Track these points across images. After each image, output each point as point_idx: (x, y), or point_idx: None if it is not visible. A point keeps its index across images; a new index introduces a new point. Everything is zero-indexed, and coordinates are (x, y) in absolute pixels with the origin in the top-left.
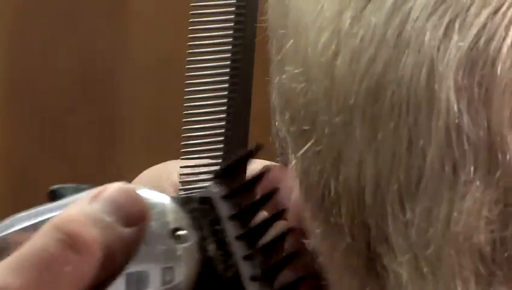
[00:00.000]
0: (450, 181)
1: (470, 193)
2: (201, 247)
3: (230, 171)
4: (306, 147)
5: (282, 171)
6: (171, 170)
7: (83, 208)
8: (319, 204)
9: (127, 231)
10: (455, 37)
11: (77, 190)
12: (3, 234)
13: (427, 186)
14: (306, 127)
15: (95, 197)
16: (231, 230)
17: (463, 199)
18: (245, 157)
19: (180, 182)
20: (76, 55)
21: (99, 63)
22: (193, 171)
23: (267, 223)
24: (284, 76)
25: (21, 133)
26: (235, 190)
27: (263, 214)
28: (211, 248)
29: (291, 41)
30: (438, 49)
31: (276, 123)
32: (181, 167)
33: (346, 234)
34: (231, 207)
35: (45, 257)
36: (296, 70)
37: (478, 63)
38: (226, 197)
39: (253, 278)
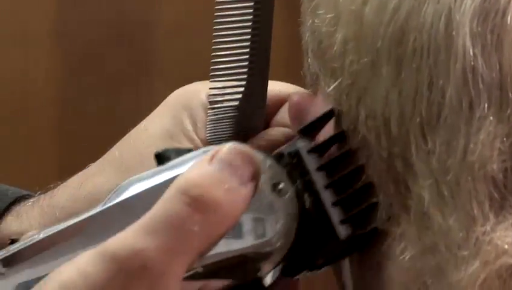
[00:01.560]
0: (467, 116)
1: (484, 127)
2: (299, 198)
3: (314, 127)
4: (337, 83)
5: (312, 99)
6: (200, 89)
7: (203, 170)
8: (351, 132)
9: (244, 189)
10: None
11: (179, 152)
12: (125, 198)
13: (446, 120)
14: (337, 65)
15: (212, 159)
16: (319, 180)
17: (478, 132)
18: (328, 113)
19: (209, 101)
20: (114, 7)
21: (134, 15)
22: (220, 92)
23: (353, 173)
24: (317, 20)
25: (66, 70)
26: (320, 144)
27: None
28: (305, 197)
29: None
30: (455, 0)
31: (309, 59)
32: (210, 88)
33: (376, 159)
34: (318, 158)
35: (176, 220)
36: (329, 15)
37: (491, 13)
38: (312, 151)
39: (344, 221)
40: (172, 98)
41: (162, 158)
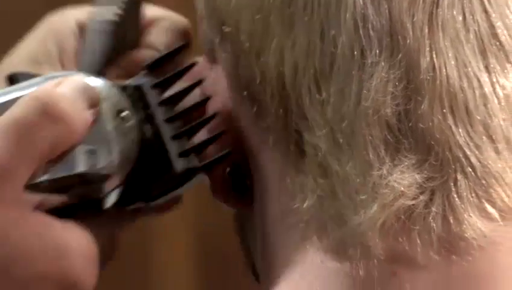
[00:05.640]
0: (359, 63)
1: (377, 72)
2: (139, 126)
3: (160, 63)
4: (233, 45)
5: (207, 66)
6: (70, 16)
7: (53, 88)
8: (247, 93)
9: (88, 111)
10: None
11: (32, 76)
12: None
13: (340, 69)
14: (232, 28)
15: (58, 83)
16: (160, 114)
17: (371, 78)
18: (174, 51)
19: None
20: None
21: None
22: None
23: (192, 108)
24: None
25: None
26: (163, 79)
27: (188, 100)
28: (146, 127)
29: None
30: None
31: (204, 27)
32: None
33: (272, 116)
34: (160, 94)
35: (25, 122)
36: None
37: None
38: (155, 86)
39: (181, 154)
40: (43, 24)
41: (13, 80)
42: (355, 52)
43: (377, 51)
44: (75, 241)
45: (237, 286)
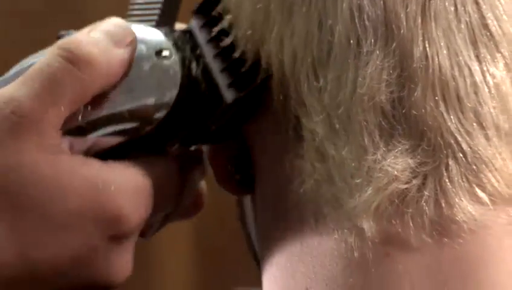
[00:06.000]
0: (355, 52)
1: (372, 60)
2: (184, 65)
3: (207, 5)
4: (236, 34)
5: None
6: None
7: (83, 35)
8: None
9: (120, 50)
10: None
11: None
12: (19, 68)
13: (336, 57)
14: (236, 17)
15: (91, 29)
16: (209, 51)
17: (366, 66)
18: None
19: None
20: None
21: None
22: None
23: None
24: None
25: None
26: (211, 18)
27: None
28: (192, 66)
29: None
30: None
31: None
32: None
33: (273, 101)
34: (209, 33)
35: (49, 70)
36: None
37: None
38: (203, 26)
39: (230, 84)
40: None
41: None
42: (352, 41)
43: (372, 40)
44: (117, 178)
45: (236, 282)
